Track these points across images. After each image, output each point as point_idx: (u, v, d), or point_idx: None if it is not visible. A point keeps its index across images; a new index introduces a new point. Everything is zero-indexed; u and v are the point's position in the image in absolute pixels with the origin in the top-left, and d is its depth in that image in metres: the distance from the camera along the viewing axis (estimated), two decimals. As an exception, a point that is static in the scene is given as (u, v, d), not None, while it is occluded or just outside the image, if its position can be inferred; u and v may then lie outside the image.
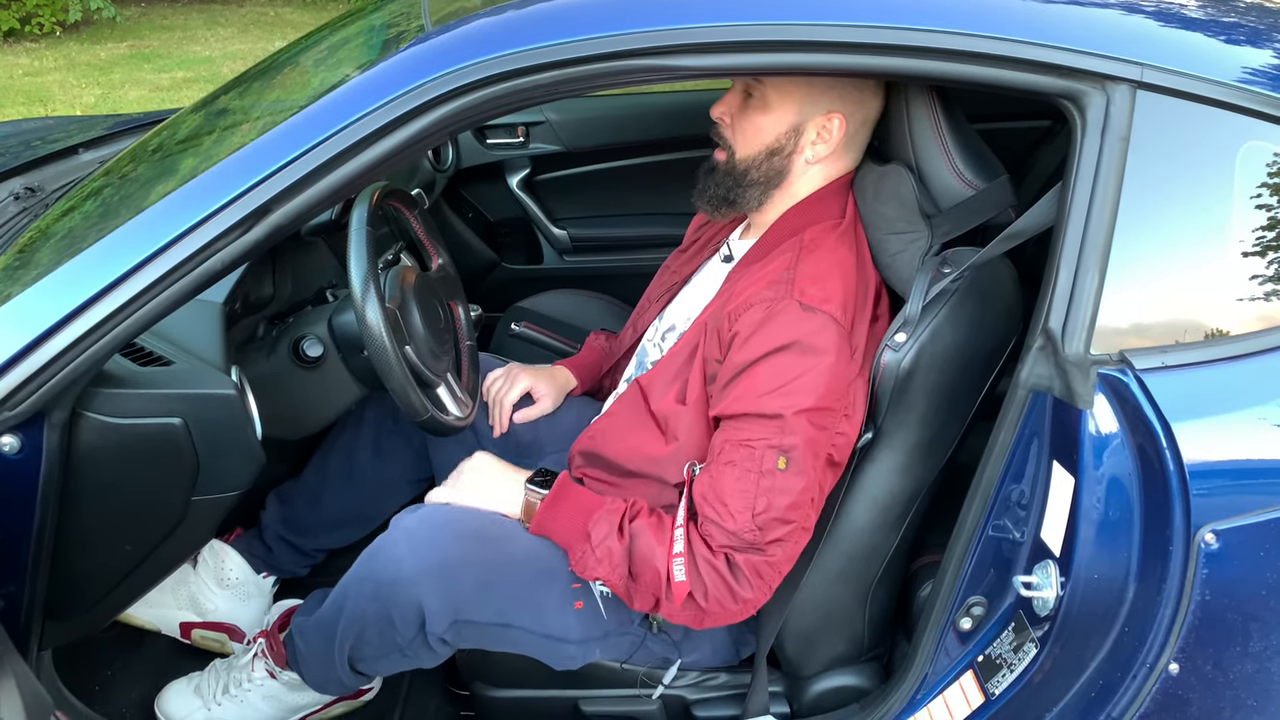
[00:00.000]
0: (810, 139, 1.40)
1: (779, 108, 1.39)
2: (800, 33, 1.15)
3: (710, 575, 1.29)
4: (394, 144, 1.14)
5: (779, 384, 1.27)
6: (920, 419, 1.36)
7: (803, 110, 1.39)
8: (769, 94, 1.39)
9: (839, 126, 1.39)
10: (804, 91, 1.38)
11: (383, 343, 1.38)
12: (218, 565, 1.79)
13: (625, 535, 1.33)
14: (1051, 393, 1.19)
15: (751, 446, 1.27)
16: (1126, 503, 1.16)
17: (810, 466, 1.28)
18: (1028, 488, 1.25)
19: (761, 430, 1.27)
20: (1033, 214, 1.25)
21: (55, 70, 7.27)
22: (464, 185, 2.70)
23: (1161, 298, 1.17)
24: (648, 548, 1.31)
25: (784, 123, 1.40)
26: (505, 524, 1.41)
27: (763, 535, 1.28)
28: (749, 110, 1.41)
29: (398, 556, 1.35)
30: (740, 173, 1.43)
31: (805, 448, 1.27)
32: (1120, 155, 1.14)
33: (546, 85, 1.14)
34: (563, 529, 1.38)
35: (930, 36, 1.15)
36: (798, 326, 1.28)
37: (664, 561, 1.29)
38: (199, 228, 1.12)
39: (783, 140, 1.41)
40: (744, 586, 1.29)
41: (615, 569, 1.32)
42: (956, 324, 1.33)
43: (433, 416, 1.46)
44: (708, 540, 1.30)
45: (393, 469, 1.81)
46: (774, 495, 1.26)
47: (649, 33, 1.12)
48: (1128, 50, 1.14)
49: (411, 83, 1.13)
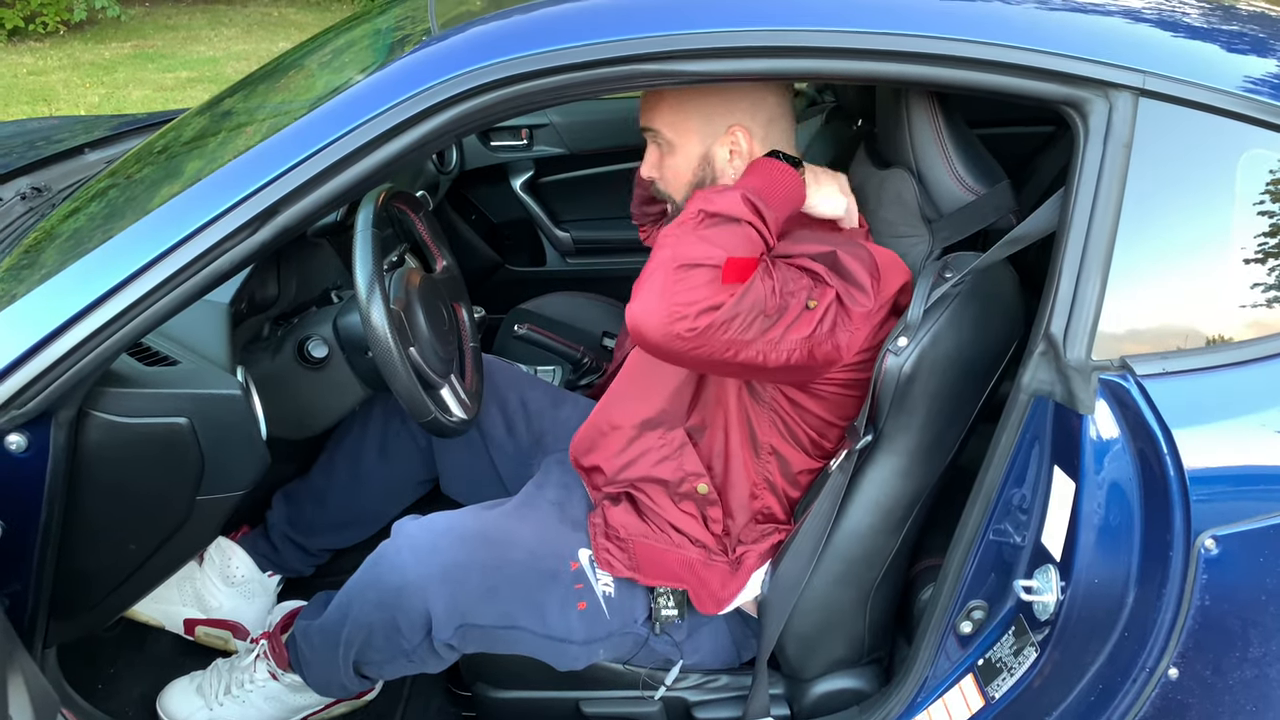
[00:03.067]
0: (725, 159, 1.42)
1: (682, 145, 1.42)
2: (801, 39, 1.16)
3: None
4: (400, 147, 1.15)
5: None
6: (921, 423, 1.37)
7: (703, 137, 1.41)
8: (669, 136, 1.42)
9: (745, 137, 1.40)
10: (699, 120, 1.40)
11: (387, 344, 1.38)
12: (224, 562, 1.79)
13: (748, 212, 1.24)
14: (1053, 398, 1.19)
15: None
16: (1127, 508, 1.17)
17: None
18: (1029, 492, 1.26)
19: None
20: (1035, 219, 1.25)
21: (59, 69, 7.28)
22: (467, 187, 2.71)
23: (1163, 304, 1.18)
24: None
25: (693, 156, 1.42)
26: (508, 526, 1.42)
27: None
28: (664, 159, 1.45)
29: (401, 563, 1.36)
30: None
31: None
32: (1122, 162, 1.15)
33: (552, 90, 1.15)
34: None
35: (931, 43, 1.16)
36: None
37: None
38: (206, 229, 1.13)
39: (700, 173, 1.43)
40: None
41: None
42: (958, 328, 1.34)
43: (436, 418, 1.46)
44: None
45: (399, 470, 1.82)
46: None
47: (655, 38, 1.13)
48: (1130, 57, 1.15)
49: (418, 86, 1.14)
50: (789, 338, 1.26)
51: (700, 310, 1.19)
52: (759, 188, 1.28)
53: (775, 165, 1.32)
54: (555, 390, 1.87)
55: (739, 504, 1.46)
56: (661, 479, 1.45)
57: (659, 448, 1.46)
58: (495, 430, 1.76)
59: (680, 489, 1.45)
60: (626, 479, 1.48)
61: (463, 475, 1.79)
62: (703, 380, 1.44)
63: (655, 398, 1.46)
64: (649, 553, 1.44)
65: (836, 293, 1.30)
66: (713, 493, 1.44)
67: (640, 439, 1.47)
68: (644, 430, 1.47)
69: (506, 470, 1.75)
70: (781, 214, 1.30)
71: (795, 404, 1.41)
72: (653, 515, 1.46)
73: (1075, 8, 1.21)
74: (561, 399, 1.82)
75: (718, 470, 1.46)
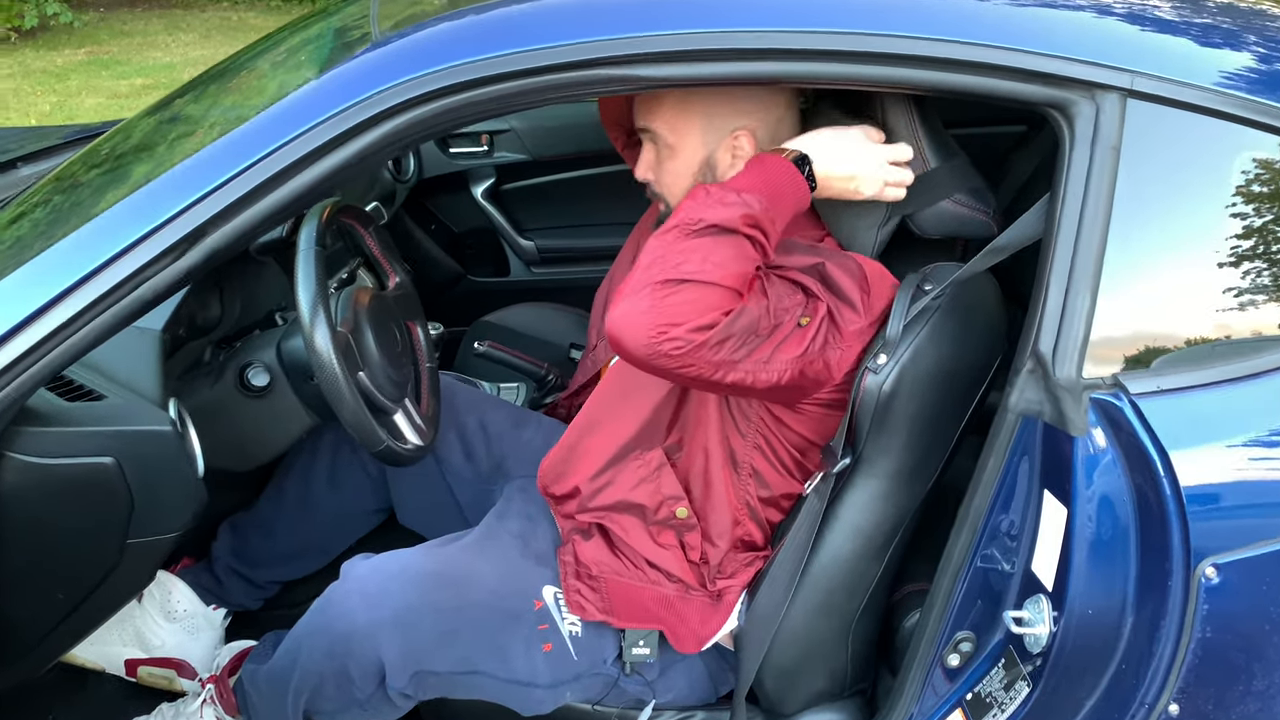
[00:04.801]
0: (727, 164, 1.34)
1: (683, 149, 1.34)
2: (773, 40, 1.08)
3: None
4: (341, 160, 1.06)
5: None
6: (903, 444, 1.29)
7: (706, 140, 1.33)
8: (668, 139, 1.34)
9: (749, 142, 1.33)
10: (702, 122, 1.32)
11: (333, 370, 1.29)
12: (164, 597, 1.69)
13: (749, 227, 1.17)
14: (1042, 418, 1.12)
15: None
16: (1122, 534, 1.10)
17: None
18: (1018, 517, 1.19)
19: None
20: (1018, 228, 1.19)
21: (9, 78, 7.09)
22: (426, 196, 2.62)
23: (1158, 317, 1.12)
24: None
25: (694, 160, 1.34)
26: (465, 564, 1.33)
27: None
28: (661, 161, 1.37)
29: (350, 609, 1.27)
30: None
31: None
32: (1111, 167, 1.08)
33: (504, 97, 1.07)
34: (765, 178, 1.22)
35: (908, 43, 1.09)
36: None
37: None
38: (126, 254, 1.04)
39: (700, 177, 1.35)
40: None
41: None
42: (939, 343, 1.27)
43: (389, 447, 1.37)
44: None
45: (350, 499, 1.72)
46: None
47: (613, 41, 1.05)
48: (1117, 57, 1.08)
49: (361, 94, 1.05)
50: (779, 357, 1.19)
51: (690, 329, 1.11)
52: (761, 192, 1.19)
53: (778, 165, 1.22)
54: (517, 411, 1.78)
55: (719, 530, 1.37)
56: (638, 504, 1.37)
57: (635, 469, 1.37)
58: (452, 457, 1.67)
59: (657, 515, 1.37)
60: (599, 506, 1.39)
61: (419, 505, 1.70)
62: (684, 397, 1.36)
63: (632, 418, 1.37)
64: (623, 591, 1.36)
65: (828, 308, 1.23)
66: (692, 517, 1.36)
67: (616, 463, 1.38)
68: (620, 453, 1.38)
69: (466, 498, 1.66)
70: (783, 222, 1.22)
71: (779, 421, 1.34)
72: (626, 550, 1.38)
73: (1057, 5, 1.14)
74: (524, 420, 1.74)
75: (697, 492, 1.38)
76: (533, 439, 1.67)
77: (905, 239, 1.38)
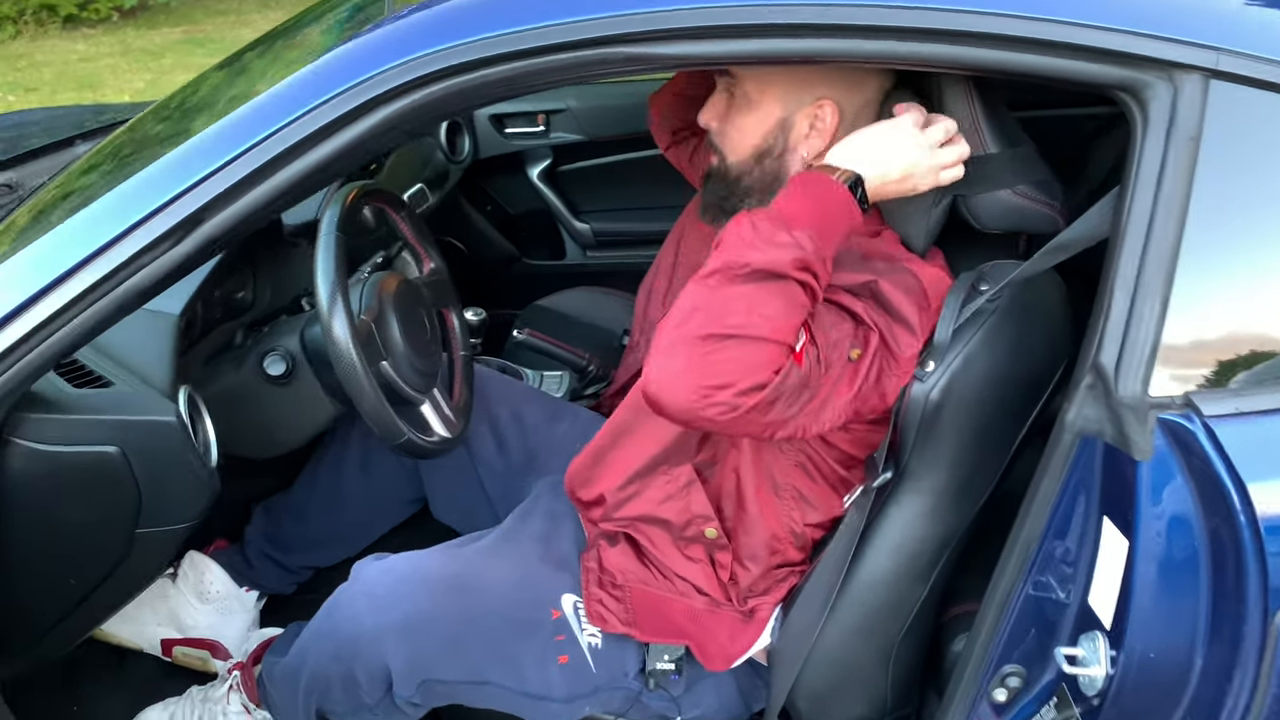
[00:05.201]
0: (802, 133, 1.23)
1: (761, 104, 1.22)
2: (800, 14, 0.98)
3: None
4: (340, 145, 1.00)
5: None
6: (952, 459, 1.19)
7: (787, 102, 1.21)
8: (748, 89, 1.22)
9: (832, 114, 1.21)
10: (786, 80, 1.20)
11: (351, 360, 1.25)
12: (198, 578, 1.68)
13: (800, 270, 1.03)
14: (1102, 438, 1.01)
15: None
16: (1191, 574, 0.98)
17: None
18: (1074, 545, 1.08)
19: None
20: (1083, 223, 1.07)
21: (109, 56, 7.30)
22: (482, 177, 2.57)
23: (1237, 329, 0.99)
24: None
25: (769, 119, 1.23)
26: (480, 569, 1.27)
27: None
28: (733, 112, 1.25)
29: (357, 613, 1.22)
30: (733, 180, 1.27)
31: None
32: (1189, 158, 0.96)
33: (511, 79, 0.99)
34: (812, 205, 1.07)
35: (954, 18, 0.97)
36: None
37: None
38: (120, 240, 1.00)
39: (770, 139, 1.23)
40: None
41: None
42: (994, 350, 1.15)
43: (410, 439, 1.32)
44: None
45: (382, 487, 1.68)
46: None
47: (624, 17, 0.97)
48: (1199, 31, 0.95)
49: (358, 76, 0.99)
50: (833, 404, 1.09)
51: (738, 392, 0.99)
52: (812, 226, 1.04)
53: (831, 191, 1.07)
54: (554, 403, 1.71)
55: (752, 553, 1.28)
56: (665, 519, 1.28)
57: (663, 485, 1.28)
58: (484, 449, 1.61)
59: (685, 533, 1.28)
60: (625, 516, 1.31)
61: (451, 499, 1.66)
62: None
63: (662, 429, 1.25)
64: (649, 602, 1.28)
65: (880, 335, 1.11)
66: (722, 537, 1.27)
67: (643, 476, 1.29)
68: (648, 466, 1.28)
69: (496, 493, 1.60)
70: (833, 255, 1.08)
71: (822, 439, 1.23)
72: (654, 559, 1.30)
73: (1135, -27, 1.01)
74: (560, 413, 1.67)
75: (729, 512, 1.28)
76: (568, 433, 1.61)
77: (965, 234, 1.26)
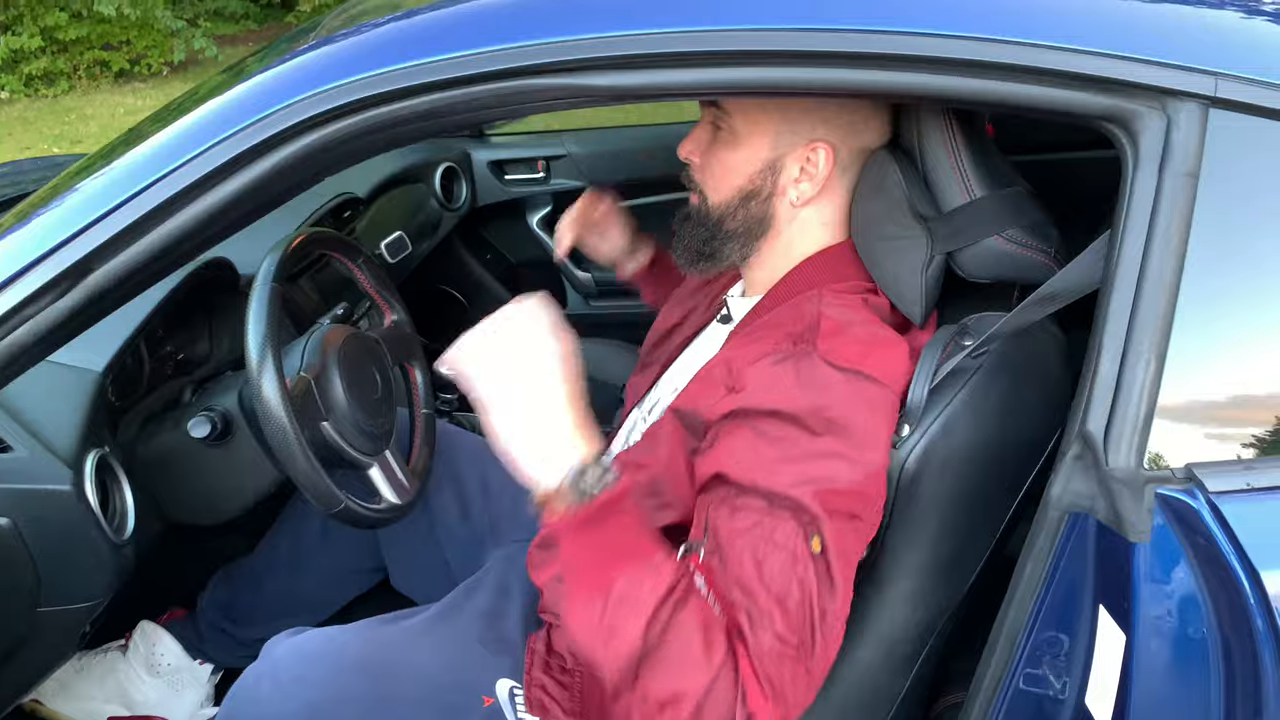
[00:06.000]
0: (792, 176, 1.12)
1: (750, 141, 1.12)
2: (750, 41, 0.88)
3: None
4: (243, 185, 0.92)
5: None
6: (934, 534, 1.06)
7: (778, 142, 1.11)
8: (737, 125, 1.12)
9: (826, 159, 1.11)
10: (779, 119, 1.10)
11: (280, 421, 1.15)
12: (149, 650, 1.59)
13: (657, 624, 0.87)
14: (1094, 516, 0.88)
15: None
16: (1199, 671, 0.85)
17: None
18: (1066, 637, 0.94)
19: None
20: (1074, 269, 0.94)
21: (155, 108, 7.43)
22: (482, 224, 2.50)
23: (1246, 391, 0.86)
24: (683, 653, 0.87)
25: (757, 159, 1.12)
26: (406, 649, 1.16)
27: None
28: (717, 147, 1.15)
29: (259, 696, 1.12)
30: (714, 222, 1.16)
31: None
32: (1186, 197, 0.84)
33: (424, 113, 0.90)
34: (578, 559, 0.91)
35: (927, 43, 0.87)
36: (826, 392, 0.98)
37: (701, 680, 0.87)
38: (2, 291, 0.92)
39: (758, 181, 1.13)
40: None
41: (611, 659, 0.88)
42: (979, 412, 1.03)
43: (347, 507, 1.22)
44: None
45: (344, 555, 1.58)
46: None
47: (543, 46, 0.87)
48: (1195, 55, 0.84)
49: (260, 111, 0.91)
50: (831, 621, 0.92)
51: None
52: (585, 561, 0.90)
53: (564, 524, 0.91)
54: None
55: None
56: None
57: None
58: (447, 515, 1.50)
59: None
60: None
61: (410, 568, 1.55)
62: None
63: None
64: (601, 691, 1.15)
65: (837, 468, 0.94)
66: None
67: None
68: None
69: (458, 562, 1.49)
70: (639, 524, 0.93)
71: None
72: None
73: (1119, -10, 0.90)
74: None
75: None
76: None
77: (958, 286, 1.15)
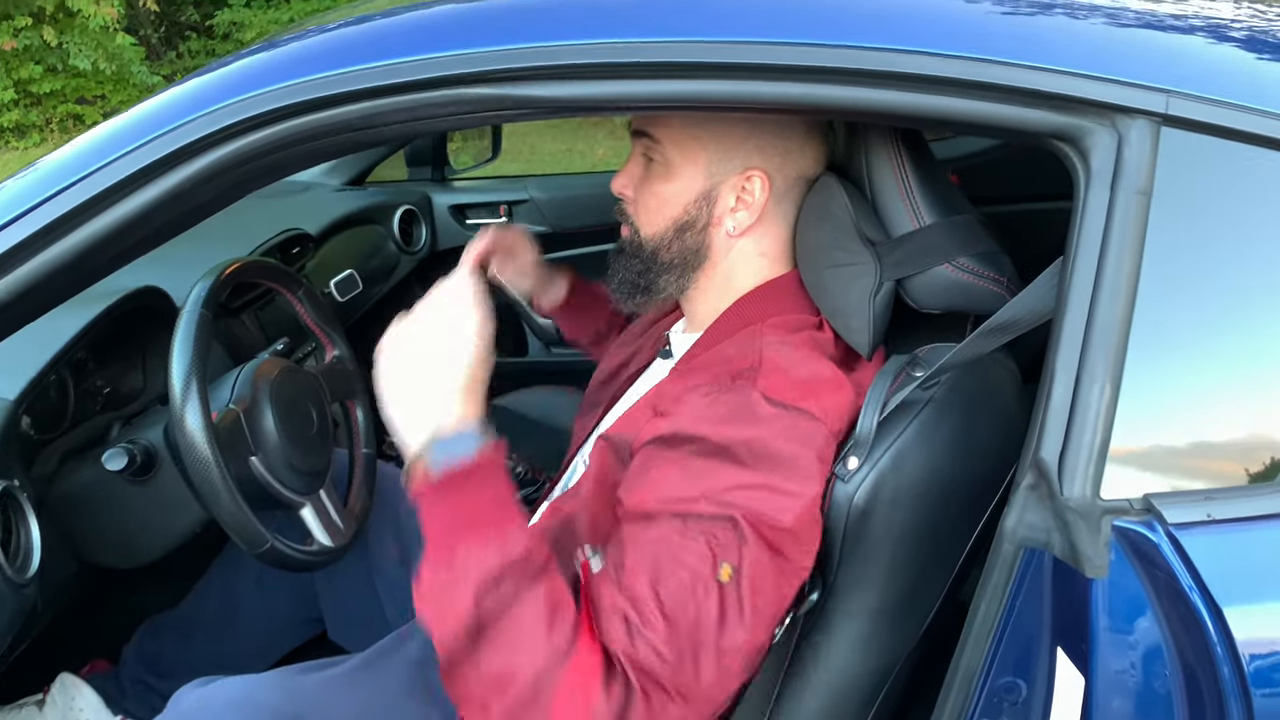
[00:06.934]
0: (728, 205, 1.09)
1: (683, 171, 1.09)
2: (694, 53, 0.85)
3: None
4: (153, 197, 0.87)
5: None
6: (886, 573, 1.01)
7: (712, 171, 1.08)
8: (670, 155, 1.09)
9: (762, 187, 1.08)
10: (712, 147, 1.07)
11: (204, 454, 1.10)
12: (67, 705, 1.49)
13: (492, 597, 0.82)
14: (1049, 550, 0.83)
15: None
16: (1164, 712, 0.80)
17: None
18: (1023, 681, 0.89)
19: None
20: (1026, 297, 0.91)
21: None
22: (440, 269, 2.44)
23: (1207, 418, 0.82)
24: (518, 629, 0.82)
25: (691, 189, 1.09)
26: (322, 703, 1.09)
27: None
28: (650, 179, 1.12)
29: None
30: (649, 254, 1.13)
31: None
32: (1139, 216, 0.81)
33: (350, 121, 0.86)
34: (429, 527, 0.87)
35: (875, 57, 0.84)
36: (758, 425, 0.93)
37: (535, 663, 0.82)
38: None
39: (693, 211, 1.10)
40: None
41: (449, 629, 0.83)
42: (931, 445, 0.99)
43: (274, 547, 1.16)
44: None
45: (278, 605, 1.51)
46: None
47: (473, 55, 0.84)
48: (1145, 72, 0.81)
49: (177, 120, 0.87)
50: (735, 648, 0.88)
51: None
52: (450, 542, 0.85)
53: (425, 493, 0.88)
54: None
55: None
56: None
57: None
58: (386, 561, 1.44)
59: None
60: None
61: (347, 617, 1.47)
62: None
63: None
64: None
65: (763, 499, 0.89)
66: None
67: None
68: None
69: (396, 611, 1.42)
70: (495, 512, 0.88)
71: None
72: None
73: (1066, 6, 0.88)
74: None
75: None
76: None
77: (909, 318, 1.11)
